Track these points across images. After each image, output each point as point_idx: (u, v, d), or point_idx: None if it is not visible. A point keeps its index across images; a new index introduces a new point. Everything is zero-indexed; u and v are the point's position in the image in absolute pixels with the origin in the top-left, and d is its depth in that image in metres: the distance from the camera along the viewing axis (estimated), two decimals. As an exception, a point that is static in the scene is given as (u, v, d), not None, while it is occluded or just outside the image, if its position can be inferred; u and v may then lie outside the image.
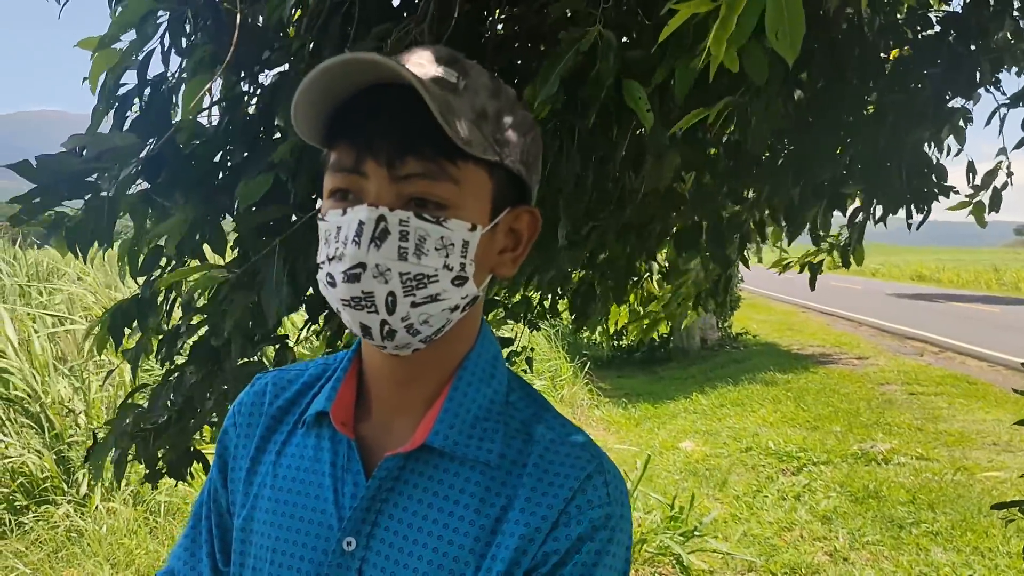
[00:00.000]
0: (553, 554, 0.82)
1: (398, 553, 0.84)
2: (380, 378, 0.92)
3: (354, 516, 0.86)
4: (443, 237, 0.81)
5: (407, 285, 0.80)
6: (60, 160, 1.52)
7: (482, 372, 0.91)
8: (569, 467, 0.86)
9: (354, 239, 0.79)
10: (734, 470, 7.04)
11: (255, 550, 0.92)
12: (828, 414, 8.85)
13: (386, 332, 0.82)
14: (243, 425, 0.99)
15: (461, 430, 0.87)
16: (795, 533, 5.52)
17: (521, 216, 0.91)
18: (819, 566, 4.97)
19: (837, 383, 10.61)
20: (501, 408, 0.91)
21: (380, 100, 0.80)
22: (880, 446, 7.39)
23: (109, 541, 4.87)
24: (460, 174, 0.81)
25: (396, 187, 0.80)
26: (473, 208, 0.83)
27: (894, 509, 5.84)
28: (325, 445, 0.92)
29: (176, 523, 5.21)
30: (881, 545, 5.25)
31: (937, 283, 33.28)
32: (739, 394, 10.20)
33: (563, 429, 0.91)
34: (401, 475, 0.87)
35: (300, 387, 0.99)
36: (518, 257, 0.92)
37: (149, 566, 4.68)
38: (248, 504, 0.94)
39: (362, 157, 0.81)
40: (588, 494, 0.84)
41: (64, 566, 4.65)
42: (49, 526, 4.98)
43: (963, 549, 5.11)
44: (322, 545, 0.87)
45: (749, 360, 12.85)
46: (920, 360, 12.35)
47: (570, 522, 0.83)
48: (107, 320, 2.15)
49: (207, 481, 1.03)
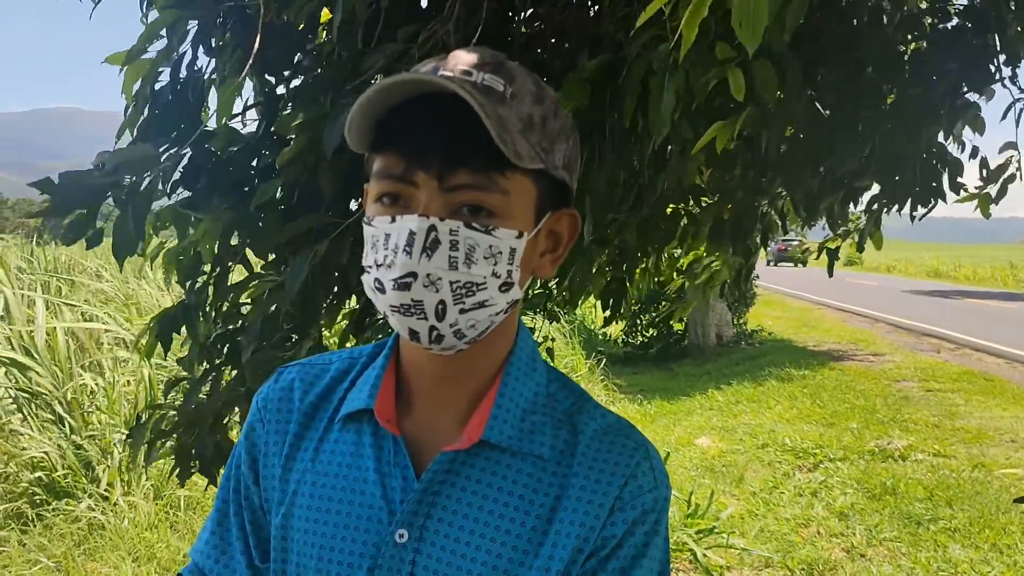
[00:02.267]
0: (611, 538, 0.88)
1: (454, 544, 0.87)
2: (422, 375, 0.94)
3: (406, 509, 0.88)
4: (492, 246, 0.83)
5: (457, 293, 0.82)
6: (81, 176, 1.56)
7: (525, 367, 0.94)
8: (618, 455, 0.91)
9: (405, 248, 0.81)
10: (750, 466, 7.04)
11: (297, 546, 0.93)
12: (844, 411, 8.83)
13: (434, 337, 0.84)
14: (272, 421, 0.99)
15: (513, 424, 0.90)
16: (812, 529, 5.52)
17: (562, 218, 0.93)
18: (836, 562, 4.96)
19: (853, 380, 10.58)
20: (544, 400, 0.94)
21: (431, 111, 0.81)
22: (897, 443, 7.36)
23: (131, 535, 4.93)
24: (508, 184, 0.83)
25: (446, 197, 0.82)
26: (520, 216, 0.85)
27: (911, 506, 5.82)
28: (367, 440, 0.93)
29: (196, 518, 5.26)
30: (899, 542, 5.24)
31: (953, 279, 33.11)
32: (755, 391, 10.19)
33: (604, 419, 0.94)
34: (452, 468, 0.89)
35: (329, 382, 1.00)
36: (558, 258, 0.95)
37: (170, 560, 4.72)
38: (286, 501, 0.95)
39: (412, 167, 0.82)
40: (639, 480, 0.90)
41: (86, 560, 4.70)
42: (70, 520, 5.04)
43: (981, 546, 5.10)
44: (372, 539, 0.89)
45: (764, 357, 12.82)
46: (937, 357, 12.29)
47: (625, 507, 0.89)
48: (155, 327, 2.18)
49: (226, 479, 1.03)
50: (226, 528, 1.00)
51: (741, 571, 4.93)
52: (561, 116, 0.90)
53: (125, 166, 1.57)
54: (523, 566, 0.86)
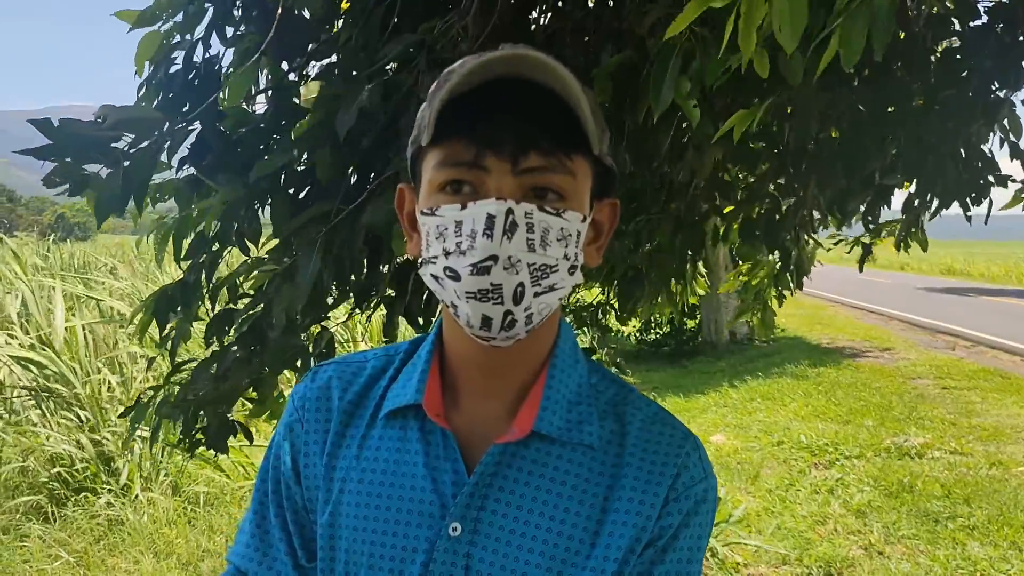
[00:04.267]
0: (667, 528, 0.90)
1: (509, 535, 0.88)
2: (469, 368, 0.94)
3: (460, 502, 0.88)
4: (563, 228, 0.84)
5: (534, 276, 0.83)
6: (80, 125, 1.55)
7: (569, 358, 0.95)
8: (667, 446, 0.92)
9: (485, 232, 0.81)
10: (766, 464, 7.02)
11: (345, 543, 0.93)
12: (860, 408, 8.80)
13: (507, 323, 0.84)
14: (311, 420, 0.99)
15: (561, 415, 0.91)
16: (829, 527, 5.50)
17: (604, 207, 0.94)
18: (854, 560, 4.95)
19: (868, 377, 10.54)
20: (588, 391, 0.95)
21: (497, 96, 0.81)
22: (913, 440, 7.34)
23: (150, 531, 4.95)
24: (575, 167, 0.84)
25: (518, 180, 0.83)
26: (582, 199, 0.87)
27: (929, 503, 5.80)
28: (413, 435, 0.94)
29: (214, 514, 5.28)
30: (917, 539, 5.22)
31: (968, 277, 32.89)
32: (769, 388, 10.16)
33: (649, 408, 0.96)
34: (503, 460, 0.90)
35: (367, 380, 1.00)
36: (601, 247, 0.96)
37: (190, 555, 4.75)
38: (332, 500, 0.95)
39: (482, 152, 0.82)
40: (691, 471, 0.92)
41: (107, 555, 4.73)
42: (90, 515, 5.07)
43: (1000, 544, 5.07)
44: (425, 533, 0.89)
45: (778, 354, 12.79)
46: (952, 354, 12.23)
47: (679, 498, 0.90)
48: (151, 304, 2.18)
49: (262, 480, 1.02)
50: (266, 530, 0.99)
51: (758, 568, 4.92)
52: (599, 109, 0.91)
53: (125, 124, 1.56)
54: (580, 555, 0.87)
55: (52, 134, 1.50)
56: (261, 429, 6.73)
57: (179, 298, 2.15)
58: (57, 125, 1.49)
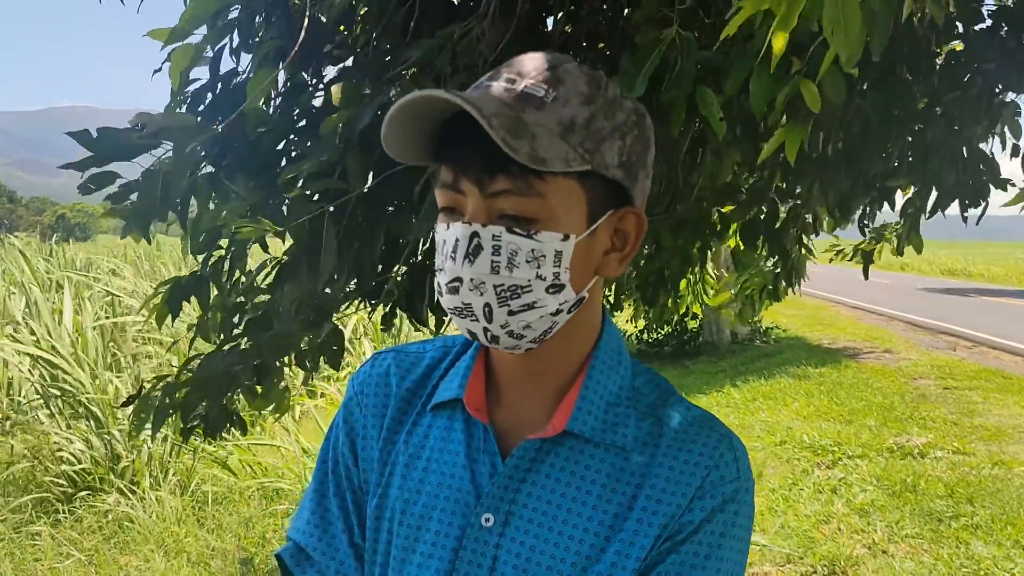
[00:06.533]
0: (688, 524, 0.89)
1: (537, 529, 0.90)
2: (508, 369, 0.97)
3: (492, 493, 0.92)
4: (534, 250, 0.85)
5: (501, 296, 0.86)
6: (119, 134, 1.58)
7: (610, 360, 0.97)
8: (702, 445, 0.92)
9: (451, 254, 0.86)
10: (769, 463, 7.05)
11: (388, 525, 0.97)
12: (862, 408, 8.83)
13: (490, 337, 0.89)
14: (370, 405, 1.03)
15: (597, 416, 0.93)
16: (833, 526, 5.53)
17: (626, 217, 0.94)
18: (858, 559, 4.98)
19: (870, 377, 10.56)
20: (629, 393, 0.97)
21: (471, 121, 0.82)
22: (916, 440, 7.37)
23: (159, 529, 4.98)
24: (547, 188, 0.84)
25: (488, 203, 0.85)
26: (565, 219, 0.86)
27: (932, 503, 5.83)
28: (458, 427, 0.97)
29: (222, 512, 5.31)
30: (920, 539, 5.25)
31: (968, 277, 32.91)
32: (771, 388, 10.19)
33: (688, 412, 0.96)
34: (538, 456, 0.93)
35: (424, 370, 1.04)
36: (625, 257, 0.95)
37: (199, 553, 4.78)
38: (383, 483, 0.99)
39: (458, 176, 0.86)
40: (721, 470, 0.91)
41: (117, 553, 4.76)
42: (99, 514, 5.10)
43: (1004, 543, 5.10)
44: (459, 521, 0.92)
45: (780, 354, 12.81)
46: (953, 354, 12.25)
47: (704, 496, 0.90)
48: (166, 293, 2.22)
49: (322, 460, 1.05)
50: (325, 507, 1.03)
51: (763, 567, 4.95)
52: (619, 115, 0.90)
53: (166, 132, 1.59)
54: (605, 552, 0.89)
55: (92, 145, 1.53)
56: (267, 428, 6.76)
57: (193, 289, 2.19)
58: (96, 136, 1.52)
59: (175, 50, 1.94)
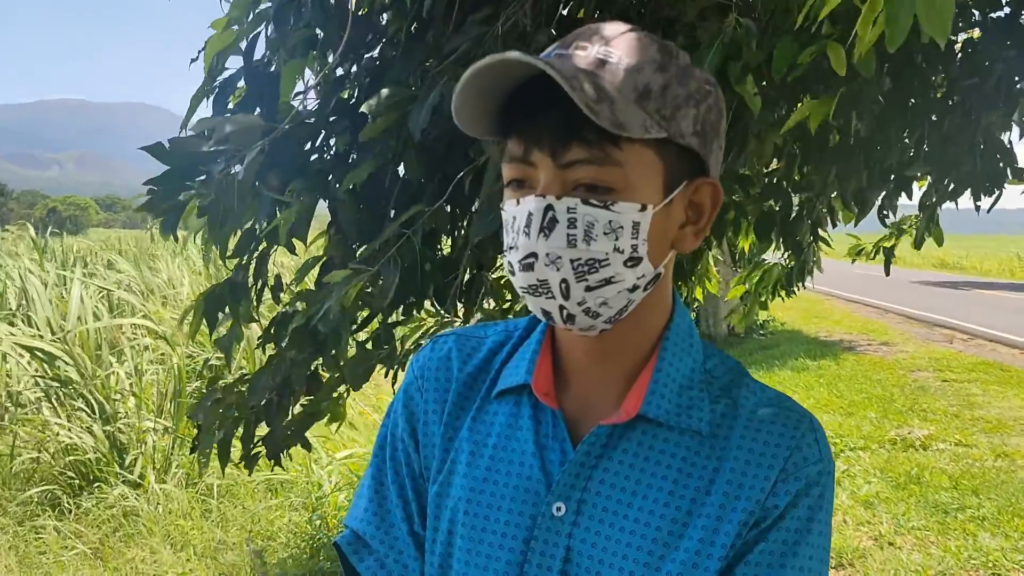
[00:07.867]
0: (773, 509, 0.86)
1: (612, 517, 0.87)
2: (577, 353, 0.94)
3: (563, 481, 0.88)
4: (611, 221, 0.82)
5: (579, 271, 0.82)
6: (190, 143, 1.55)
7: (682, 342, 0.93)
8: (782, 426, 0.89)
9: (524, 230, 0.82)
10: (772, 456, 7.04)
11: (450, 514, 0.93)
12: (862, 400, 8.84)
13: (566, 316, 0.85)
14: (431, 390, 1.00)
15: (670, 400, 0.90)
16: (838, 518, 5.53)
17: (701, 188, 0.90)
18: (865, 551, 4.98)
19: (869, 370, 10.58)
20: (702, 376, 0.93)
21: (543, 89, 0.80)
22: (917, 432, 7.38)
23: (165, 522, 4.95)
24: (624, 156, 0.81)
25: (562, 174, 0.82)
26: (643, 188, 0.83)
27: (937, 495, 5.84)
28: (525, 413, 0.94)
29: (228, 505, 5.28)
30: (927, 530, 5.25)
31: (961, 270, 33.03)
32: (770, 380, 10.17)
33: (764, 393, 0.93)
34: (610, 442, 0.89)
35: (486, 354, 1.01)
36: (701, 230, 0.92)
37: (205, 546, 4.75)
38: (445, 470, 0.95)
39: (529, 147, 0.83)
40: (804, 451, 0.88)
41: (123, 546, 4.73)
42: (104, 507, 5.07)
43: (1011, 535, 5.11)
44: (529, 510, 0.89)
45: (777, 347, 12.83)
46: (950, 347, 12.29)
47: (788, 479, 0.87)
48: (201, 305, 2.18)
49: (379, 447, 1.03)
50: (384, 496, 1.00)
51: (770, 559, 4.94)
52: (692, 82, 0.87)
53: (235, 135, 1.55)
54: (683, 539, 0.85)
55: (167, 159, 1.50)
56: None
57: (228, 298, 2.14)
58: (169, 148, 1.48)
59: (210, 39, 1.90)
